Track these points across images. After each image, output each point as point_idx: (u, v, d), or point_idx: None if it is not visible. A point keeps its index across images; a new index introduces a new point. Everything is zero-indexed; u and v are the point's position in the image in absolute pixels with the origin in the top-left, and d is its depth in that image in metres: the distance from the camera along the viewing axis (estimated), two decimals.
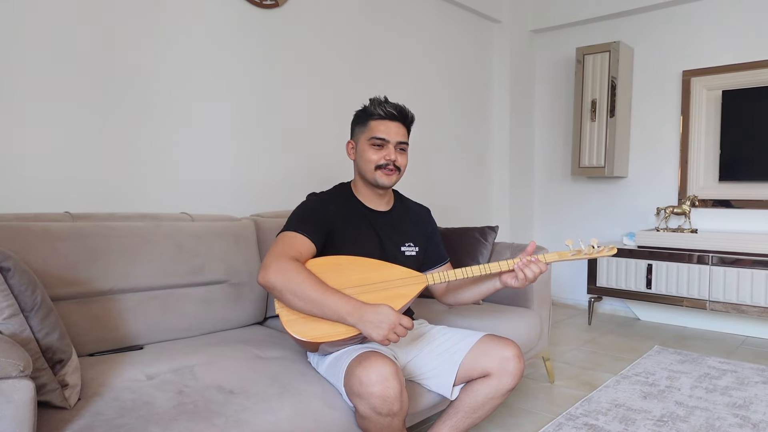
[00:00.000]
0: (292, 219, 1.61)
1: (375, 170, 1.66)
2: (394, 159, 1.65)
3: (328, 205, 1.66)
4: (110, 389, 1.33)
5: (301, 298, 1.43)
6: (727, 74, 3.52)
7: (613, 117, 3.75)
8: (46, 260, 1.56)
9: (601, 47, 3.75)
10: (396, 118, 1.67)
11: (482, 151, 4.07)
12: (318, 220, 1.60)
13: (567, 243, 1.63)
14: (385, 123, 1.66)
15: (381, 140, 1.65)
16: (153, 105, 2.19)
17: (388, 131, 1.66)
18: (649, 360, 2.86)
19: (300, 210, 1.66)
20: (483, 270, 1.61)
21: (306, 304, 1.43)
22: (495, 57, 4.11)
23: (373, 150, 1.66)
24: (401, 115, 1.68)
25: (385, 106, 1.66)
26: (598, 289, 3.71)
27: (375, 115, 1.67)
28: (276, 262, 1.47)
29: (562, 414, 2.17)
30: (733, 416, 2.14)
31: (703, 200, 3.65)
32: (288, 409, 1.38)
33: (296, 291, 1.43)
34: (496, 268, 1.62)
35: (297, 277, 1.44)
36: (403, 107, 1.70)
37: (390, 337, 1.39)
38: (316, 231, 1.58)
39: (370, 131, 1.66)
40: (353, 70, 3.02)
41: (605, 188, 4.13)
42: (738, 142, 3.46)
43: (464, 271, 1.61)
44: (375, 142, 1.65)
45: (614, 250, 1.65)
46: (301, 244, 1.54)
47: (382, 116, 1.66)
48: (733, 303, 3.17)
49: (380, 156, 1.65)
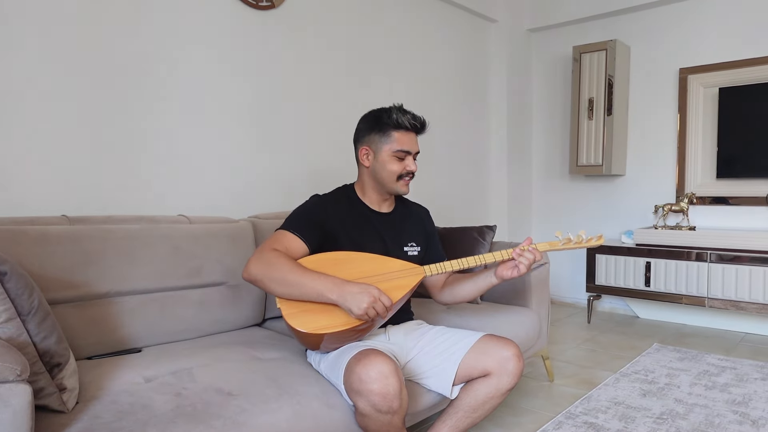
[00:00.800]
0: (287, 219, 1.64)
1: (397, 180, 1.69)
2: (414, 170, 1.70)
3: (327, 207, 1.67)
4: (108, 392, 1.33)
5: (280, 282, 1.45)
6: (724, 71, 3.53)
7: (610, 115, 3.75)
8: (42, 264, 1.56)
9: (597, 45, 3.76)
10: (419, 131, 1.71)
11: (480, 151, 4.07)
12: (311, 221, 1.62)
13: (557, 234, 1.69)
14: (410, 135, 1.69)
15: (406, 153, 1.68)
16: (150, 108, 2.19)
17: (411, 144, 1.69)
18: (648, 358, 2.86)
19: (297, 210, 1.68)
20: (478, 260, 1.64)
21: (287, 287, 1.45)
22: (492, 56, 4.11)
23: (396, 161, 1.67)
24: (422, 128, 1.72)
25: (411, 119, 1.67)
26: (597, 287, 3.71)
27: (401, 126, 1.66)
28: (257, 254, 1.51)
29: (562, 412, 2.17)
30: (732, 413, 2.14)
31: (701, 197, 3.65)
32: (287, 410, 1.38)
33: (275, 277, 1.46)
34: (491, 259, 1.65)
35: (276, 263, 1.47)
36: (425, 121, 1.73)
37: (370, 312, 1.40)
38: (308, 230, 1.59)
39: (395, 143, 1.66)
40: (351, 71, 3.02)
41: (603, 187, 4.13)
42: (735, 139, 3.47)
43: (460, 261, 1.63)
44: (400, 156, 1.67)
45: (602, 240, 1.71)
46: (290, 241, 1.56)
47: (408, 129, 1.68)
48: (732, 300, 3.17)
49: (402, 167, 1.68)
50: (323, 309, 1.47)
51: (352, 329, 1.46)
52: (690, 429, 2.01)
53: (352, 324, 1.45)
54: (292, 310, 1.47)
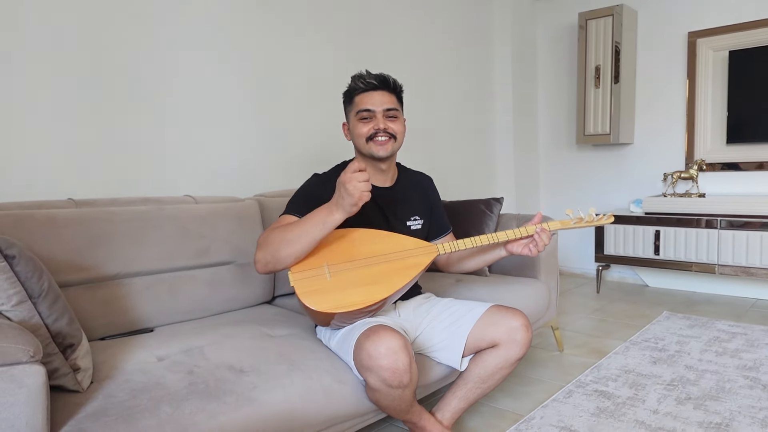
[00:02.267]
0: (289, 202, 1.63)
1: (367, 143, 1.65)
2: (383, 127, 1.63)
3: (327, 186, 1.64)
4: (122, 372, 1.34)
5: (286, 245, 1.43)
6: (733, 34, 3.45)
7: (617, 83, 3.69)
8: (51, 247, 1.57)
9: (603, 11, 3.67)
10: (378, 87, 1.65)
11: (485, 122, 4.03)
12: (312, 201, 1.58)
13: (567, 212, 1.68)
14: (369, 94, 1.64)
15: (367, 111, 1.64)
16: (153, 88, 2.17)
17: (373, 101, 1.64)
18: (658, 326, 2.86)
19: (297, 192, 1.67)
20: (491, 239, 1.62)
21: (293, 245, 1.43)
22: (496, 25, 4.03)
23: (362, 123, 1.65)
24: (383, 83, 1.66)
25: (365, 78, 1.65)
26: (605, 257, 3.69)
27: (358, 89, 1.66)
28: (258, 244, 1.50)
29: (572, 381, 2.18)
30: (743, 378, 2.15)
31: (710, 164, 3.60)
32: (298, 385, 1.39)
33: (278, 247, 1.44)
34: (504, 237, 1.63)
35: (272, 236, 1.47)
36: (384, 75, 1.67)
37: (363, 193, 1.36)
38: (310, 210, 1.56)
39: (355, 106, 1.66)
40: (353, 45, 2.98)
41: (611, 155, 4.09)
42: (745, 103, 3.40)
43: (473, 240, 1.61)
44: (362, 116, 1.64)
45: (612, 218, 1.70)
46: None
47: (364, 88, 1.65)
48: (743, 266, 3.16)
49: (369, 127, 1.64)
50: (335, 288, 1.47)
51: (364, 309, 1.46)
52: (701, 395, 2.01)
53: (368, 302, 1.44)
54: (306, 289, 1.46)
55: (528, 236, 1.64)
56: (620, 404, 1.96)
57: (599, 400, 2.00)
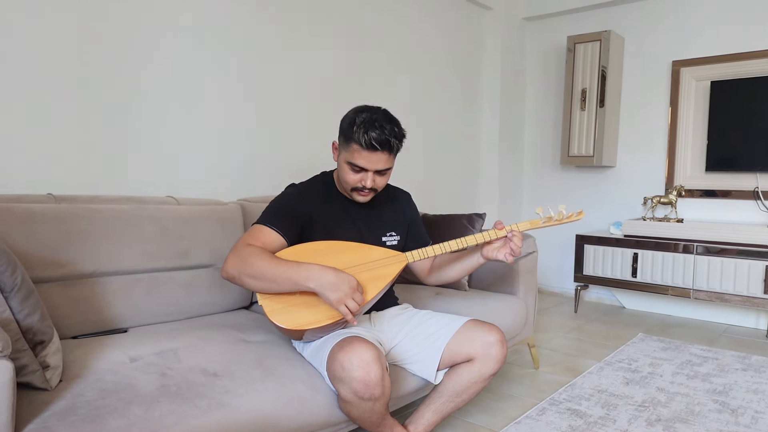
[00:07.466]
0: (264, 212, 1.61)
1: (351, 191, 1.63)
2: (370, 185, 1.58)
3: (304, 198, 1.64)
4: (92, 371, 1.33)
5: (256, 278, 1.43)
6: (716, 65, 3.53)
7: (602, 106, 3.76)
8: (28, 242, 1.55)
9: (592, 36, 3.75)
10: (378, 149, 1.53)
11: (471, 139, 4.07)
12: (288, 213, 1.58)
13: (537, 211, 1.66)
14: (367, 154, 1.53)
15: (360, 167, 1.56)
16: (138, 87, 2.16)
17: (369, 162, 1.54)
18: (632, 347, 2.90)
19: (273, 203, 1.64)
20: (461, 243, 1.61)
21: (263, 282, 1.43)
22: (486, 44, 4.09)
23: (352, 172, 1.57)
24: (384, 146, 1.53)
25: (368, 136, 1.50)
26: (584, 277, 3.74)
27: (360, 144, 1.52)
28: (232, 252, 1.48)
29: (546, 399, 2.19)
30: (713, 402, 2.18)
31: (689, 190, 3.67)
32: (272, 391, 1.38)
33: (251, 272, 1.43)
34: (473, 241, 1.62)
35: (249, 258, 1.44)
36: (387, 138, 1.52)
37: (348, 303, 1.38)
38: (285, 224, 1.56)
39: (350, 154, 1.55)
40: (342, 57, 3.00)
41: (594, 177, 4.15)
42: (725, 132, 3.49)
43: (442, 246, 1.61)
44: (354, 168, 1.56)
45: (582, 215, 1.67)
46: (266, 236, 1.53)
47: (365, 147, 1.52)
48: (717, 292, 3.21)
49: (357, 179, 1.58)
50: (305, 304, 1.46)
51: (333, 323, 1.46)
52: (670, 417, 2.04)
53: (336, 318, 1.44)
54: (274, 307, 1.46)
55: (499, 238, 1.63)
56: (591, 423, 1.97)
57: (571, 419, 2.01)
